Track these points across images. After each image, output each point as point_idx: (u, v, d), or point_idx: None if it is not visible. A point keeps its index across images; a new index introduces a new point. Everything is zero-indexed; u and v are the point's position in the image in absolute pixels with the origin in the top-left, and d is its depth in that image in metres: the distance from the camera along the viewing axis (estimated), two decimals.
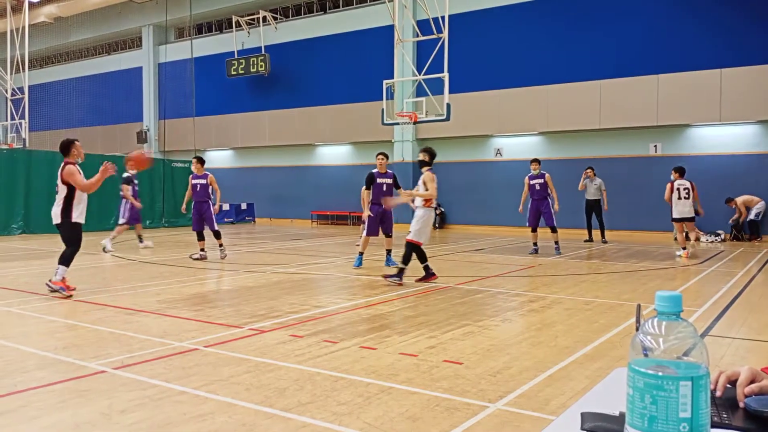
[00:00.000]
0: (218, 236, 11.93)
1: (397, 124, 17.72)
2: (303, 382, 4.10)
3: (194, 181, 12.10)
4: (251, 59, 25.54)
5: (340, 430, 3.28)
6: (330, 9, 24.76)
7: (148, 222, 21.53)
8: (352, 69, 23.37)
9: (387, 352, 4.93)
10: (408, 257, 8.63)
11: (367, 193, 10.68)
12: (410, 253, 8.65)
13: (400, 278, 8.57)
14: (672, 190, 12.64)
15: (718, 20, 17.04)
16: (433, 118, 16.64)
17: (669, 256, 12.73)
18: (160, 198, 22.03)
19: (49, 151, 19.90)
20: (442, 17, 16.40)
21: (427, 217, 8.79)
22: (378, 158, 10.75)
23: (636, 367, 0.93)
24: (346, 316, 6.44)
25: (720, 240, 16.64)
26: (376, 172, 10.64)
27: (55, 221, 7.82)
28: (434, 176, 8.78)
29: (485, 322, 6.18)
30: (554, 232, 13.21)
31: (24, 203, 18.14)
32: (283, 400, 3.73)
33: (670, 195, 12.67)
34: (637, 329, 0.98)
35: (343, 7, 24.40)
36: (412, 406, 3.65)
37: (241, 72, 25.84)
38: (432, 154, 9.05)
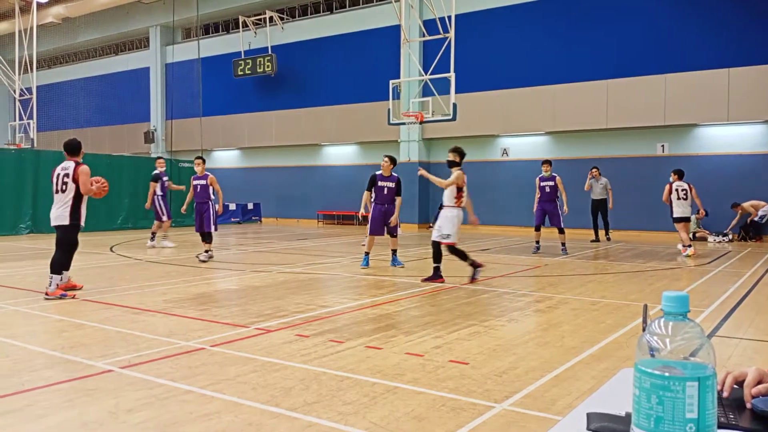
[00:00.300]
0: (209, 239, 11.62)
1: (404, 124, 17.71)
2: (309, 382, 4.10)
3: (195, 182, 12.00)
4: (258, 59, 25.58)
5: (346, 430, 3.28)
6: (336, 9, 24.77)
7: (154, 222, 21.60)
8: (359, 69, 23.37)
9: (393, 352, 4.93)
10: (463, 255, 8.85)
11: (368, 195, 10.70)
12: (462, 252, 8.88)
13: (440, 276, 8.88)
14: (671, 191, 13.02)
15: (725, 20, 16.96)
16: (440, 118, 16.63)
17: (676, 256, 12.69)
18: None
19: (57, 151, 19.98)
20: (449, 17, 16.39)
21: (459, 216, 8.91)
22: (384, 160, 10.69)
23: (642, 368, 0.93)
24: (352, 316, 6.44)
25: (727, 240, 16.57)
26: (379, 175, 10.64)
27: (61, 222, 7.54)
28: (463, 175, 8.87)
29: (491, 322, 6.17)
30: (561, 233, 13.32)
31: (32, 203, 18.23)
32: (289, 400, 3.74)
33: (669, 196, 13.06)
34: (644, 329, 0.98)
35: (350, 7, 24.41)
36: (417, 406, 3.65)
37: (247, 72, 25.89)
38: (462, 154, 9.10)
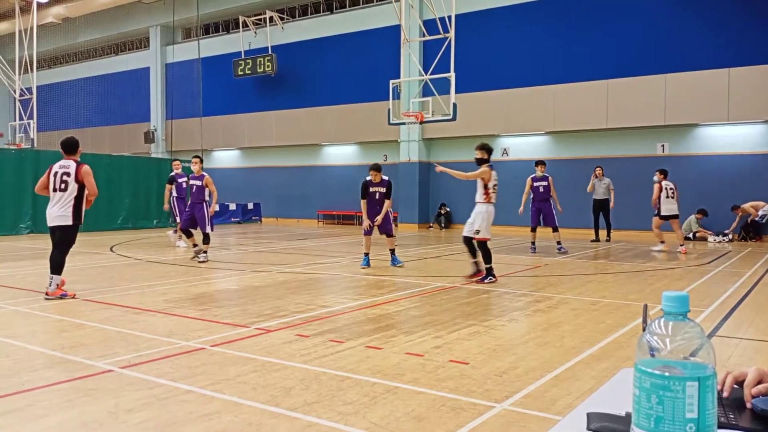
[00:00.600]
0: (207, 241, 11.53)
1: (404, 123, 17.71)
2: (309, 382, 4.10)
3: (191, 182, 11.93)
4: (258, 59, 25.59)
5: (346, 430, 3.28)
6: (336, 9, 24.77)
7: (155, 222, 21.64)
8: (359, 69, 23.37)
9: (393, 352, 4.93)
10: (487, 255, 8.81)
11: (365, 202, 10.78)
12: (487, 250, 8.82)
13: (494, 276, 8.83)
14: (661, 190, 13.42)
15: (726, 20, 16.95)
16: (440, 117, 16.63)
17: (676, 256, 12.69)
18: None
19: (57, 151, 19.92)
20: (449, 17, 16.39)
21: (489, 212, 8.88)
22: (371, 173, 10.71)
23: (642, 368, 0.93)
24: (352, 316, 6.44)
25: (727, 240, 16.56)
26: (369, 181, 10.75)
27: (63, 222, 7.44)
28: (489, 171, 8.79)
29: (491, 322, 6.17)
30: (556, 232, 13.56)
31: (32, 203, 18.22)
32: (289, 400, 3.74)
33: (659, 195, 13.47)
34: (644, 329, 0.98)
35: (350, 7, 24.41)
36: (417, 406, 3.65)
37: (247, 72, 25.90)
38: (489, 150, 9.05)
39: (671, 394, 0.90)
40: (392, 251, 10.97)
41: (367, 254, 10.72)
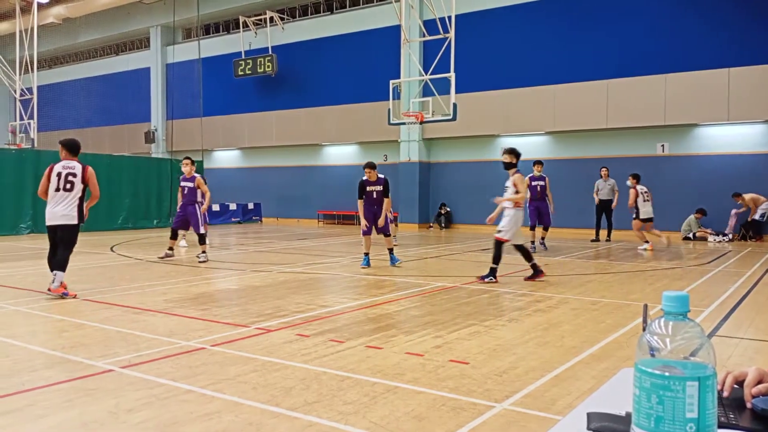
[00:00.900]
0: (202, 241, 11.51)
1: (404, 123, 17.71)
2: (309, 382, 4.10)
3: (182, 183, 11.88)
4: (258, 59, 25.59)
5: (347, 430, 3.28)
6: (337, 9, 24.77)
7: (155, 222, 21.64)
8: (359, 69, 23.37)
9: (393, 352, 4.93)
10: (498, 256, 8.91)
11: (361, 202, 10.78)
12: (499, 252, 8.93)
13: (494, 276, 8.90)
14: (637, 194, 14.18)
15: (725, 19, 16.95)
16: (440, 118, 16.63)
17: (676, 256, 12.70)
18: (168, 197, 22.10)
19: (57, 152, 19.98)
20: (449, 17, 16.39)
21: (518, 216, 9.08)
22: (366, 171, 10.72)
23: (643, 367, 0.93)
24: (352, 316, 6.44)
25: (727, 240, 16.56)
26: (366, 180, 10.73)
27: (69, 222, 7.51)
28: (524, 177, 9.04)
29: (491, 321, 6.17)
30: (546, 230, 14.12)
31: (32, 203, 18.21)
32: (290, 400, 3.74)
33: (635, 199, 14.20)
34: (644, 329, 0.98)
35: (350, 7, 24.41)
36: (418, 406, 3.65)
37: (248, 72, 25.90)
38: (518, 155, 9.24)
39: (671, 393, 0.90)
40: (390, 250, 10.98)
41: (367, 254, 10.72)
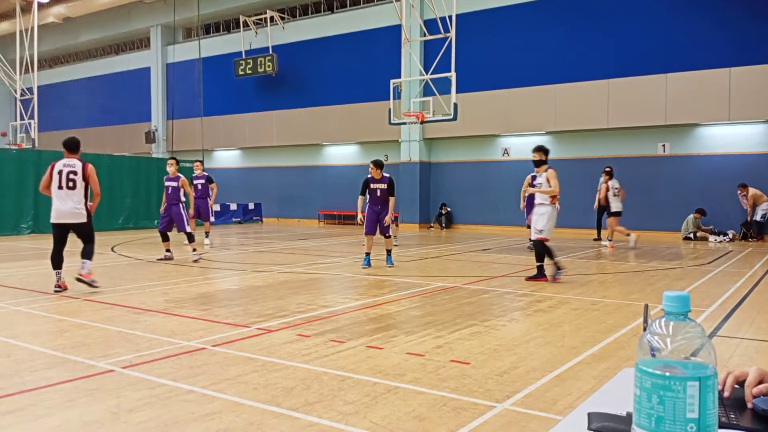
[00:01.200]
0: (191, 239, 11.61)
1: (404, 123, 17.71)
2: (310, 382, 4.11)
3: (166, 183, 11.96)
4: (259, 59, 25.59)
5: (347, 430, 3.28)
6: (337, 9, 24.78)
7: (156, 222, 21.61)
8: (360, 69, 23.38)
9: (394, 352, 4.93)
10: (541, 254, 8.97)
11: (362, 198, 10.83)
12: (542, 251, 8.97)
13: (544, 275, 8.93)
14: (608, 189, 14.60)
15: (727, 19, 16.94)
16: (441, 117, 16.64)
17: (677, 256, 12.70)
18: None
19: (58, 151, 19.95)
20: (450, 17, 16.40)
21: (554, 213, 9.10)
22: (370, 167, 10.80)
23: (643, 368, 0.93)
24: (353, 316, 6.44)
25: (728, 240, 16.56)
26: (370, 178, 10.76)
27: (79, 220, 7.79)
28: (557, 173, 9.13)
29: (492, 322, 6.17)
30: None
31: (33, 203, 18.24)
32: (290, 400, 3.74)
33: (606, 194, 14.61)
34: (645, 329, 0.98)
35: (351, 6, 24.41)
36: (418, 406, 3.65)
37: (248, 72, 25.90)
38: (546, 152, 9.39)
39: (672, 394, 0.90)
40: (389, 251, 10.98)
41: (368, 254, 10.72)
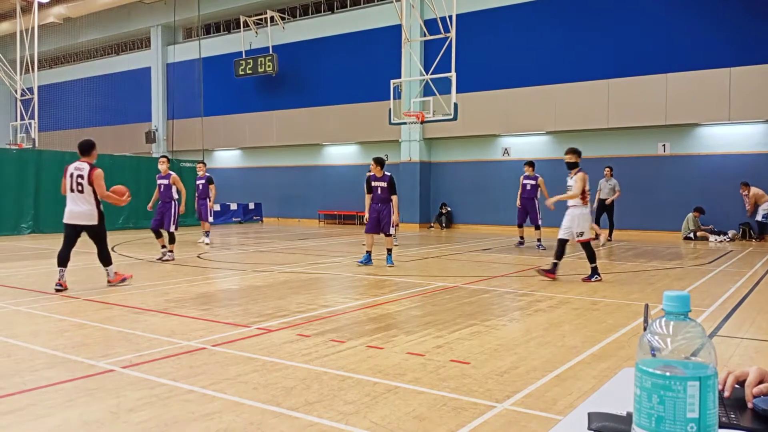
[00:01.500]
0: (171, 240, 11.61)
1: (405, 123, 17.71)
2: (310, 382, 4.10)
3: (158, 181, 12.02)
4: (259, 59, 25.59)
5: (347, 430, 3.28)
6: (337, 9, 24.77)
7: None
8: (360, 69, 23.37)
9: (394, 352, 4.93)
10: (592, 255, 9.04)
11: (369, 197, 10.86)
12: (591, 250, 9.07)
13: (599, 275, 8.99)
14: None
15: (727, 19, 16.93)
16: (441, 117, 16.64)
17: (677, 256, 12.70)
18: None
19: (58, 151, 20.01)
20: (450, 17, 16.40)
21: (586, 214, 9.18)
22: (371, 165, 10.87)
23: (643, 367, 0.93)
24: (353, 316, 6.44)
25: (729, 240, 16.56)
26: (372, 176, 10.80)
27: (90, 222, 7.95)
28: (585, 176, 9.15)
29: (492, 321, 6.17)
30: (538, 230, 14.32)
31: (34, 203, 18.25)
32: (290, 399, 3.74)
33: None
34: (645, 329, 0.97)
35: (351, 6, 24.41)
36: (419, 406, 3.65)
37: (248, 72, 25.89)
38: (579, 154, 9.36)
39: (672, 393, 0.90)
40: (389, 251, 10.97)
41: (369, 252, 10.72)
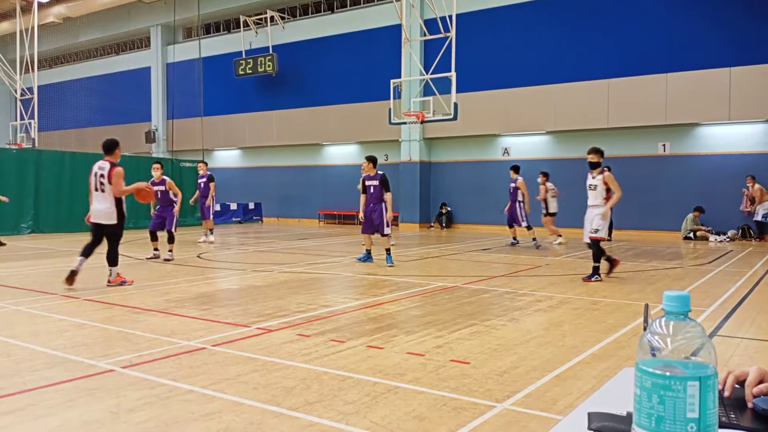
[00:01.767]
0: (171, 240, 11.92)
1: (405, 123, 17.71)
2: (310, 381, 4.10)
3: (155, 188, 11.92)
4: (259, 59, 25.59)
5: (347, 430, 3.28)
6: (337, 8, 24.77)
7: None
8: (360, 68, 23.37)
9: (394, 352, 4.93)
10: (599, 253, 9.05)
11: (364, 197, 10.91)
12: (599, 249, 9.08)
13: (599, 275, 9.05)
14: (546, 191, 15.14)
15: (727, 18, 16.93)
16: (441, 117, 16.63)
17: (677, 256, 12.70)
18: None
19: (57, 151, 20.02)
20: (450, 16, 16.40)
21: (608, 213, 9.24)
22: (363, 164, 10.96)
23: (643, 367, 0.93)
24: (353, 316, 6.44)
25: (728, 240, 16.55)
26: (366, 176, 10.83)
27: (109, 221, 8.12)
28: (612, 176, 9.18)
29: (492, 321, 6.17)
30: (529, 230, 14.62)
31: (34, 203, 18.25)
32: (290, 399, 3.74)
33: (545, 195, 15.08)
34: (645, 329, 0.97)
35: (351, 6, 24.40)
36: (419, 406, 3.65)
37: (248, 72, 25.89)
38: (602, 153, 9.44)
39: (672, 393, 0.89)
40: (387, 251, 10.96)
41: (369, 251, 10.73)
